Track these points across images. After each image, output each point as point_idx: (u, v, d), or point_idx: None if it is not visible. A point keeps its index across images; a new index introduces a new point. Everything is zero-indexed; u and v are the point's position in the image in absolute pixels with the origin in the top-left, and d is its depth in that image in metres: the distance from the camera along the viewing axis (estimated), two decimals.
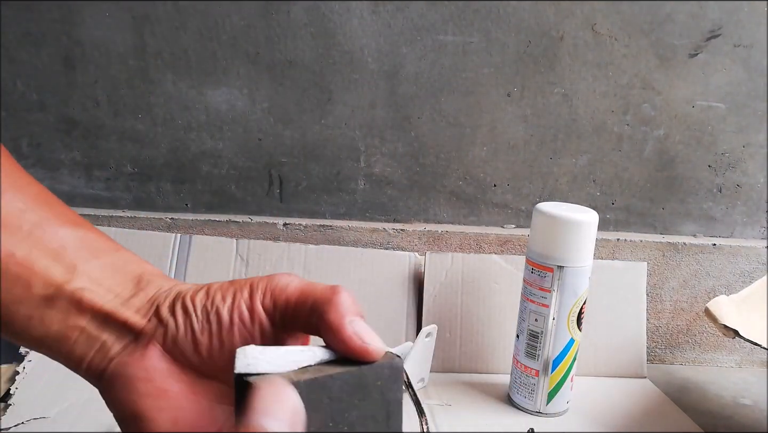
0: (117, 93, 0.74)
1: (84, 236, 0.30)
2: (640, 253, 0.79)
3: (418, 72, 0.75)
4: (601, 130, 0.78)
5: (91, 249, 0.30)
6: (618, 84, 0.77)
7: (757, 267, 0.80)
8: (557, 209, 0.61)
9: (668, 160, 0.79)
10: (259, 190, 0.77)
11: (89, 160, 0.75)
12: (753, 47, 0.76)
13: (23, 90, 0.73)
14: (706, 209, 0.81)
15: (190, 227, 0.76)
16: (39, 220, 0.29)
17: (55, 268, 0.29)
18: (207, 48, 0.73)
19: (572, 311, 0.61)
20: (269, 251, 0.72)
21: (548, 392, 0.63)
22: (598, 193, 0.80)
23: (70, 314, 0.28)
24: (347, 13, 0.72)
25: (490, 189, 0.79)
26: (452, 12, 0.73)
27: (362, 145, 0.77)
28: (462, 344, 0.72)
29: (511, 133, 0.77)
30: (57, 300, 0.28)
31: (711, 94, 0.78)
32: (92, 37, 0.72)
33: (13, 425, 0.55)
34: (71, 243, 0.30)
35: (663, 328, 0.81)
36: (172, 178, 0.77)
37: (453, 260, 0.73)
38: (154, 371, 0.28)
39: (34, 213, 0.30)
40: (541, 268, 0.61)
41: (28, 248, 0.28)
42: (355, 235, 0.77)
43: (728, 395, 0.74)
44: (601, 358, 0.73)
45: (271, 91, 0.74)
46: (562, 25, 0.74)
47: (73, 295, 0.28)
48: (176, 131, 0.75)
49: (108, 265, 0.30)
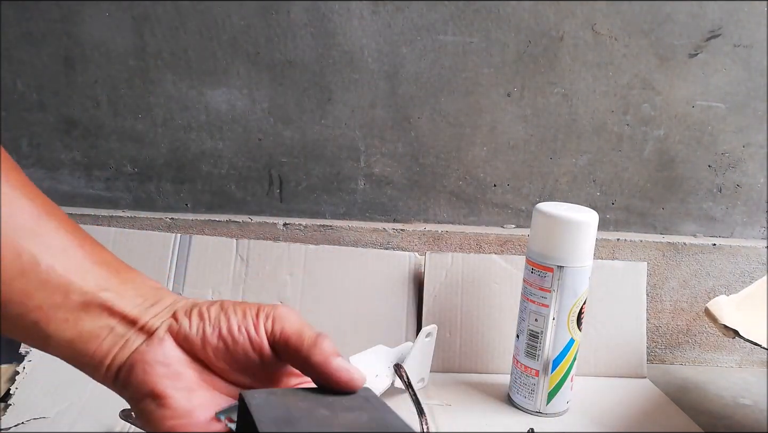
0: (117, 93, 0.74)
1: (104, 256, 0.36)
2: (640, 253, 0.79)
3: (418, 72, 0.75)
4: (601, 130, 0.78)
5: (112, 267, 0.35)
6: (618, 84, 0.77)
7: (757, 267, 0.80)
8: (557, 209, 0.61)
9: (668, 160, 0.79)
10: (259, 190, 0.77)
11: (89, 160, 0.75)
12: (753, 47, 0.76)
13: (23, 90, 0.73)
14: (706, 209, 0.81)
15: (190, 227, 0.76)
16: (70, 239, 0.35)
17: (88, 280, 0.34)
18: (207, 48, 0.73)
19: (572, 311, 0.61)
20: (269, 251, 0.72)
21: (548, 392, 0.63)
22: (598, 193, 0.80)
23: (102, 317, 0.33)
24: (347, 13, 0.72)
25: (490, 189, 0.79)
26: (452, 12, 0.73)
27: (362, 145, 0.77)
28: (462, 344, 0.72)
29: (511, 133, 0.77)
30: (91, 306, 0.33)
31: (711, 94, 0.78)
32: (92, 37, 0.72)
33: (13, 425, 0.55)
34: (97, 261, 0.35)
35: (663, 328, 0.81)
36: (172, 178, 0.77)
37: (453, 260, 0.73)
38: (171, 357, 0.33)
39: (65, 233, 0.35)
40: (541, 268, 0.61)
41: (64, 263, 0.34)
42: (355, 235, 0.77)
43: (728, 395, 0.74)
44: (601, 358, 0.73)
45: (271, 91, 0.74)
46: (562, 25, 0.74)
47: (104, 303, 0.34)
48: (176, 131, 0.75)
49: (128, 280, 0.35)
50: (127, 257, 0.69)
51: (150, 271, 0.70)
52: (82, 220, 0.74)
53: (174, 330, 0.34)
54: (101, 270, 0.34)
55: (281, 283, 0.71)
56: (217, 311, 0.34)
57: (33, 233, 0.33)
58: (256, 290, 0.71)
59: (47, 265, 0.33)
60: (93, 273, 0.34)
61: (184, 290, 0.70)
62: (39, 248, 0.33)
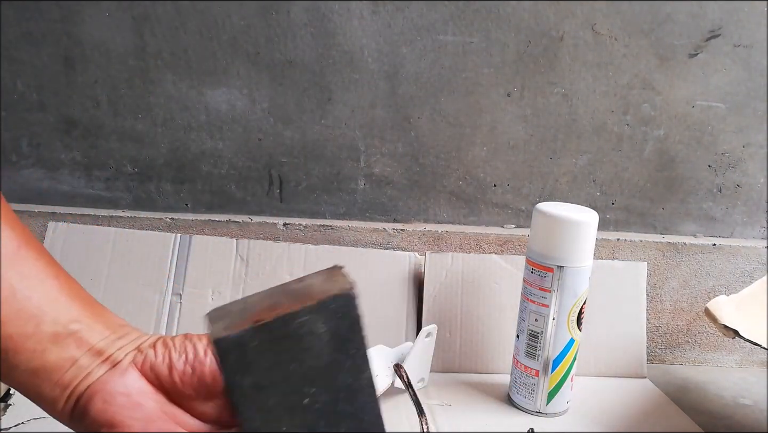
0: (117, 93, 0.74)
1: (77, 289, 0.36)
2: (640, 253, 0.79)
3: (418, 72, 0.75)
4: (601, 130, 0.78)
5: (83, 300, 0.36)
6: (618, 84, 0.77)
7: (757, 267, 0.80)
8: (557, 209, 0.61)
9: (668, 160, 0.79)
10: (259, 190, 0.77)
11: (89, 160, 0.75)
12: (753, 47, 0.76)
13: (23, 90, 0.73)
14: (706, 209, 0.81)
15: (190, 227, 0.76)
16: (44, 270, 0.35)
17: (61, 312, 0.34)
18: (207, 48, 0.73)
19: (572, 311, 0.61)
20: (269, 251, 0.72)
21: (548, 392, 0.63)
22: (598, 193, 0.80)
23: (70, 349, 0.34)
24: (347, 13, 0.72)
25: (490, 189, 0.79)
26: (452, 12, 0.73)
27: (362, 145, 0.77)
28: (462, 344, 0.72)
29: (511, 133, 0.77)
30: (61, 337, 0.34)
31: (711, 94, 0.78)
32: (92, 37, 0.72)
33: (13, 425, 0.55)
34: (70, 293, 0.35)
35: (663, 328, 0.81)
36: (172, 178, 0.77)
37: (453, 260, 0.73)
38: (131, 387, 0.33)
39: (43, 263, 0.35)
40: (541, 268, 0.61)
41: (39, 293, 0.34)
42: (355, 235, 0.77)
43: (728, 395, 0.74)
44: (601, 358, 0.73)
45: (271, 91, 0.74)
46: (562, 25, 0.74)
47: (74, 333, 0.34)
48: (176, 131, 0.75)
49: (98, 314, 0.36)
50: (127, 257, 0.70)
51: (150, 271, 0.70)
52: (82, 220, 0.74)
53: (138, 361, 0.34)
54: (74, 303, 0.35)
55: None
56: (182, 339, 0.35)
57: (12, 262, 0.34)
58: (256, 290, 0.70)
59: (23, 295, 0.33)
60: (66, 305, 0.34)
61: (184, 290, 0.70)
62: (17, 277, 0.33)
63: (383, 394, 0.61)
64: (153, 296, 0.70)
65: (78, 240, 0.70)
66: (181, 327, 0.69)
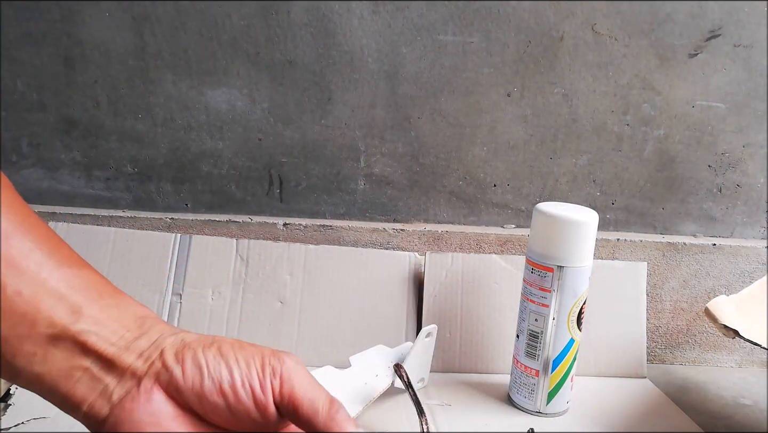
0: (117, 93, 0.74)
1: (88, 277, 0.32)
2: (640, 253, 0.79)
3: (418, 72, 0.75)
4: (601, 130, 0.78)
5: (94, 291, 0.32)
6: (618, 84, 0.77)
7: (757, 267, 0.80)
8: (557, 209, 0.61)
9: (668, 160, 0.79)
10: (259, 190, 0.77)
11: (89, 160, 0.75)
12: (753, 47, 0.76)
13: (23, 90, 0.73)
14: (706, 209, 0.81)
15: (190, 227, 0.76)
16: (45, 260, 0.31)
17: (61, 308, 0.30)
18: (207, 48, 0.73)
19: (572, 311, 0.61)
20: (269, 251, 0.72)
21: (548, 392, 0.63)
22: (598, 193, 0.80)
23: (75, 354, 0.30)
24: (347, 13, 0.72)
25: (490, 189, 0.79)
26: (452, 12, 0.73)
27: (362, 145, 0.77)
28: (462, 344, 0.72)
29: (511, 133, 0.77)
30: (61, 340, 0.30)
31: (711, 94, 0.78)
32: (92, 37, 0.72)
33: (13, 425, 0.55)
34: (76, 284, 0.31)
35: (663, 328, 0.81)
36: (172, 178, 0.77)
37: (453, 260, 0.73)
38: (160, 414, 0.30)
39: (41, 254, 0.31)
40: (541, 268, 0.61)
41: (34, 287, 0.30)
42: (355, 235, 0.77)
43: (728, 395, 0.74)
44: (601, 358, 0.73)
45: (271, 91, 0.74)
46: (562, 25, 0.74)
47: (77, 336, 0.30)
48: (176, 131, 0.75)
49: (112, 306, 0.32)
50: (127, 256, 0.70)
51: (150, 271, 0.70)
52: (82, 220, 0.74)
53: (164, 381, 0.30)
54: (79, 296, 0.31)
55: (281, 283, 0.71)
56: (216, 358, 0.31)
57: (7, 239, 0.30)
58: (256, 290, 0.71)
59: (13, 291, 0.29)
60: (67, 300, 0.30)
61: (184, 290, 0.70)
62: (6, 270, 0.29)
63: (383, 394, 0.61)
64: (153, 296, 0.70)
65: (78, 240, 0.70)
66: (181, 327, 0.69)
